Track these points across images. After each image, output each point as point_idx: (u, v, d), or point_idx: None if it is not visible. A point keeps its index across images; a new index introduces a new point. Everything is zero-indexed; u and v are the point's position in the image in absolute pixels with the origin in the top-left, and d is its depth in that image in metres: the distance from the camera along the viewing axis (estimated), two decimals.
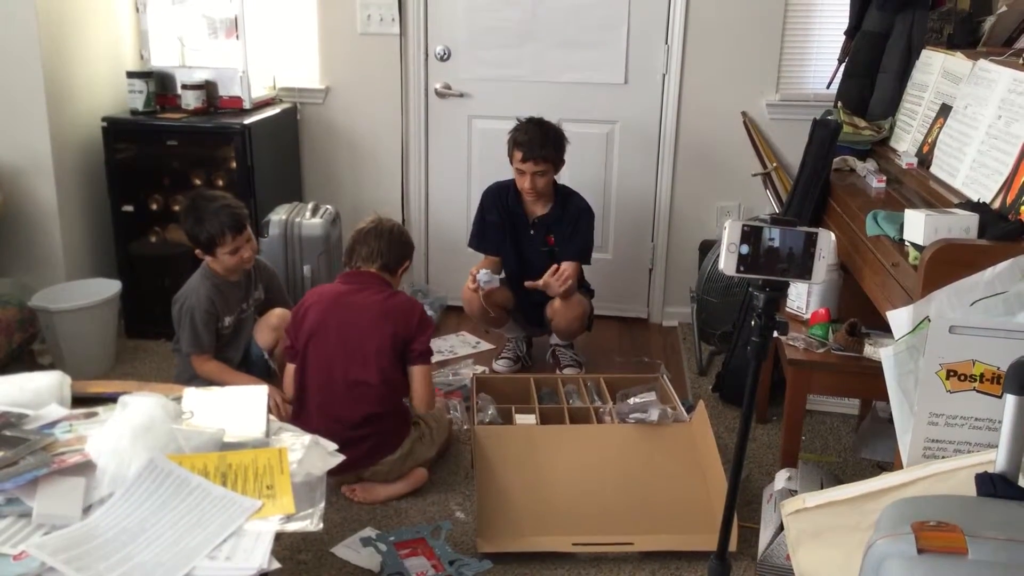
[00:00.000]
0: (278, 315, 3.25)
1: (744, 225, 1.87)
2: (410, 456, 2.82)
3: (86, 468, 1.74)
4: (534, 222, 3.63)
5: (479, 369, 3.67)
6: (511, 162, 3.55)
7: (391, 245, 2.89)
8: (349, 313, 2.78)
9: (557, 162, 3.53)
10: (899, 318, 2.04)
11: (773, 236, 1.87)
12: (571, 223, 3.59)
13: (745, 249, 1.87)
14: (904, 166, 2.93)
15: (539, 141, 3.46)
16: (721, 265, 1.90)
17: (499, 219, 3.64)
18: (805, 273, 1.89)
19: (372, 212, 3.08)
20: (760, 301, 1.92)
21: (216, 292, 3.10)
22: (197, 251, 3.08)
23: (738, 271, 1.88)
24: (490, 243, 3.68)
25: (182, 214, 3.10)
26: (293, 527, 1.69)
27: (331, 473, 1.90)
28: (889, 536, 1.37)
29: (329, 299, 2.83)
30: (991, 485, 1.52)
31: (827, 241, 1.89)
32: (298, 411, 2.79)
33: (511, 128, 3.55)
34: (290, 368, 2.87)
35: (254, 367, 3.22)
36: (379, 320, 2.75)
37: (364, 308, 2.78)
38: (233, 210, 3.07)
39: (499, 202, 3.65)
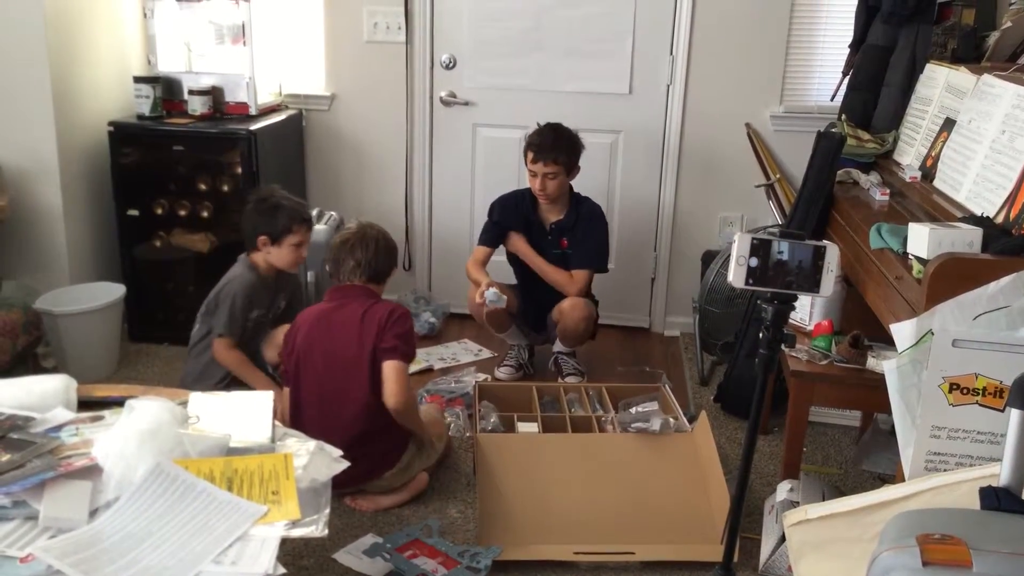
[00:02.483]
0: (285, 332, 3.23)
1: (753, 238, 1.88)
2: (410, 468, 2.82)
3: (92, 472, 1.75)
4: (551, 228, 3.66)
5: (481, 377, 3.68)
6: (525, 164, 3.58)
7: (378, 255, 2.81)
8: (331, 332, 2.74)
9: (569, 166, 3.55)
10: (902, 331, 2.05)
11: (782, 249, 1.89)
12: (584, 226, 3.63)
13: (754, 262, 1.88)
14: (907, 179, 2.94)
15: (550, 143, 3.50)
16: (730, 277, 1.91)
17: (509, 224, 3.68)
18: (813, 286, 1.91)
19: (354, 219, 3.01)
20: (768, 313, 1.94)
21: (258, 283, 3.16)
22: (261, 238, 3.12)
23: (747, 283, 1.90)
24: (494, 238, 3.72)
25: (255, 203, 3.17)
26: (298, 533, 1.70)
27: (331, 488, 1.90)
28: (894, 548, 1.38)
29: (315, 319, 2.79)
30: (995, 499, 1.53)
31: (835, 255, 1.91)
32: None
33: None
34: (285, 391, 2.84)
35: None
36: (357, 334, 2.70)
37: (344, 325, 2.73)
38: (306, 207, 3.23)
39: (514, 209, 3.68)
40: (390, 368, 2.68)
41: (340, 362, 2.71)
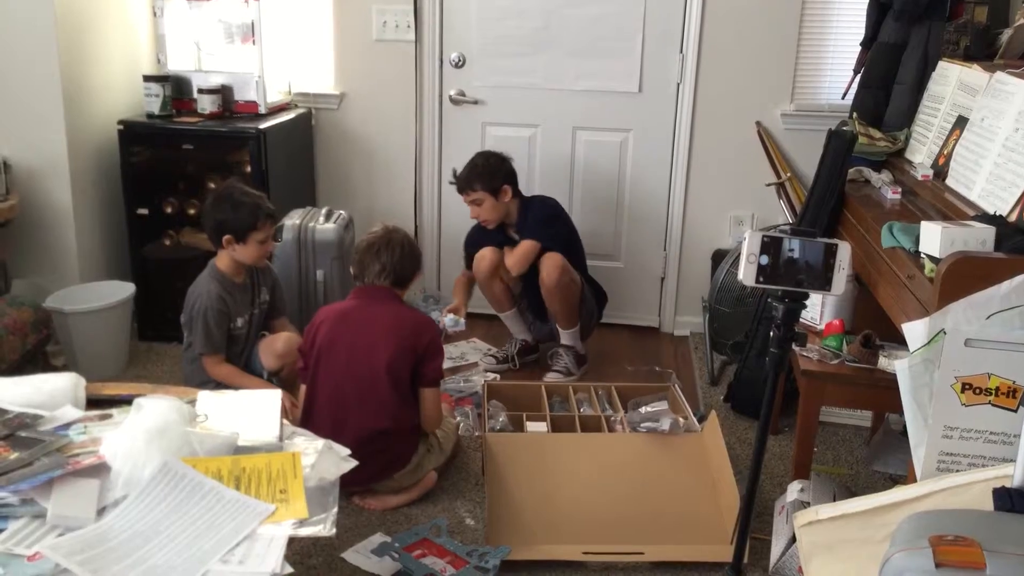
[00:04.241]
0: (284, 340, 3.18)
1: (764, 236, 1.87)
2: (420, 468, 2.82)
3: (100, 470, 1.75)
4: (515, 233, 3.72)
5: (490, 376, 3.67)
6: None
7: (403, 260, 2.83)
8: (360, 328, 2.76)
9: (492, 189, 3.61)
10: (914, 331, 2.03)
11: (793, 247, 1.88)
12: (529, 216, 3.67)
13: (765, 260, 1.87)
14: (919, 178, 2.92)
15: (464, 176, 3.63)
16: (740, 275, 1.90)
17: (482, 245, 3.73)
18: (825, 284, 1.90)
19: (379, 222, 2.99)
20: (779, 312, 1.92)
21: (225, 292, 3.11)
22: (226, 238, 3.07)
23: (757, 281, 1.89)
24: (467, 263, 3.80)
25: (214, 202, 3.10)
26: (306, 532, 1.69)
27: (342, 487, 1.89)
28: (906, 550, 1.37)
29: (339, 315, 2.81)
30: (1008, 500, 1.52)
31: (846, 252, 1.89)
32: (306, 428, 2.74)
33: None
34: (303, 388, 2.85)
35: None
36: (390, 333, 2.72)
37: (375, 322, 2.76)
38: (266, 200, 3.15)
39: (484, 233, 3.73)
40: (432, 395, 2.80)
41: (367, 358, 2.70)
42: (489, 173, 3.61)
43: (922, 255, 2.26)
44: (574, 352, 3.75)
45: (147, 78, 3.84)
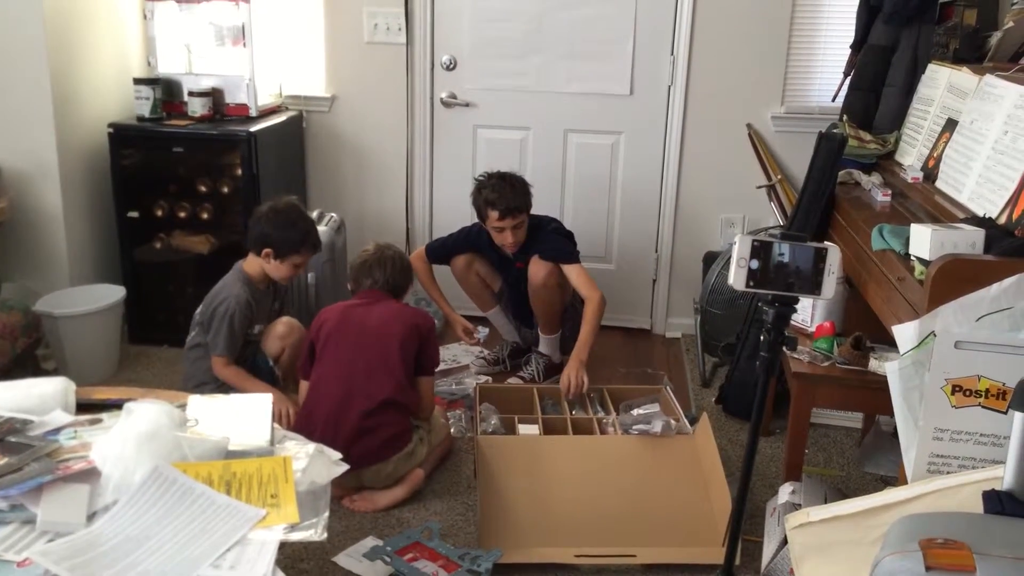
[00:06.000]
0: (284, 323, 3.26)
1: (754, 240, 1.87)
2: (413, 457, 2.85)
3: (90, 475, 1.74)
4: (515, 254, 3.63)
5: (482, 379, 3.67)
6: (484, 221, 3.54)
7: (395, 274, 3.04)
8: (368, 314, 2.93)
9: (528, 208, 3.54)
10: (905, 333, 2.04)
11: (783, 251, 1.88)
12: (540, 236, 3.60)
13: (755, 264, 1.87)
14: (909, 180, 2.93)
15: (510, 195, 3.46)
16: (731, 280, 1.90)
17: (478, 249, 3.69)
18: (815, 288, 1.90)
19: (371, 241, 3.16)
20: (770, 316, 1.93)
21: (252, 298, 3.14)
22: (266, 251, 3.10)
23: (748, 286, 1.89)
24: (445, 258, 3.73)
25: (269, 213, 3.12)
26: (297, 536, 1.69)
27: (346, 463, 1.95)
28: (897, 553, 1.37)
29: (346, 308, 2.97)
30: (998, 503, 1.52)
31: (836, 257, 1.90)
32: (309, 411, 2.81)
33: (476, 188, 3.53)
34: (303, 385, 2.93)
35: (260, 375, 3.22)
36: (399, 317, 2.92)
37: (382, 310, 2.94)
38: (317, 231, 3.26)
39: (484, 241, 3.66)
40: (429, 383, 2.98)
41: (377, 334, 2.86)
42: (526, 189, 3.53)
43: (912, 257, 2.27)
44: (547, 360, 3.74)
45: (137, 81, 3.83)
